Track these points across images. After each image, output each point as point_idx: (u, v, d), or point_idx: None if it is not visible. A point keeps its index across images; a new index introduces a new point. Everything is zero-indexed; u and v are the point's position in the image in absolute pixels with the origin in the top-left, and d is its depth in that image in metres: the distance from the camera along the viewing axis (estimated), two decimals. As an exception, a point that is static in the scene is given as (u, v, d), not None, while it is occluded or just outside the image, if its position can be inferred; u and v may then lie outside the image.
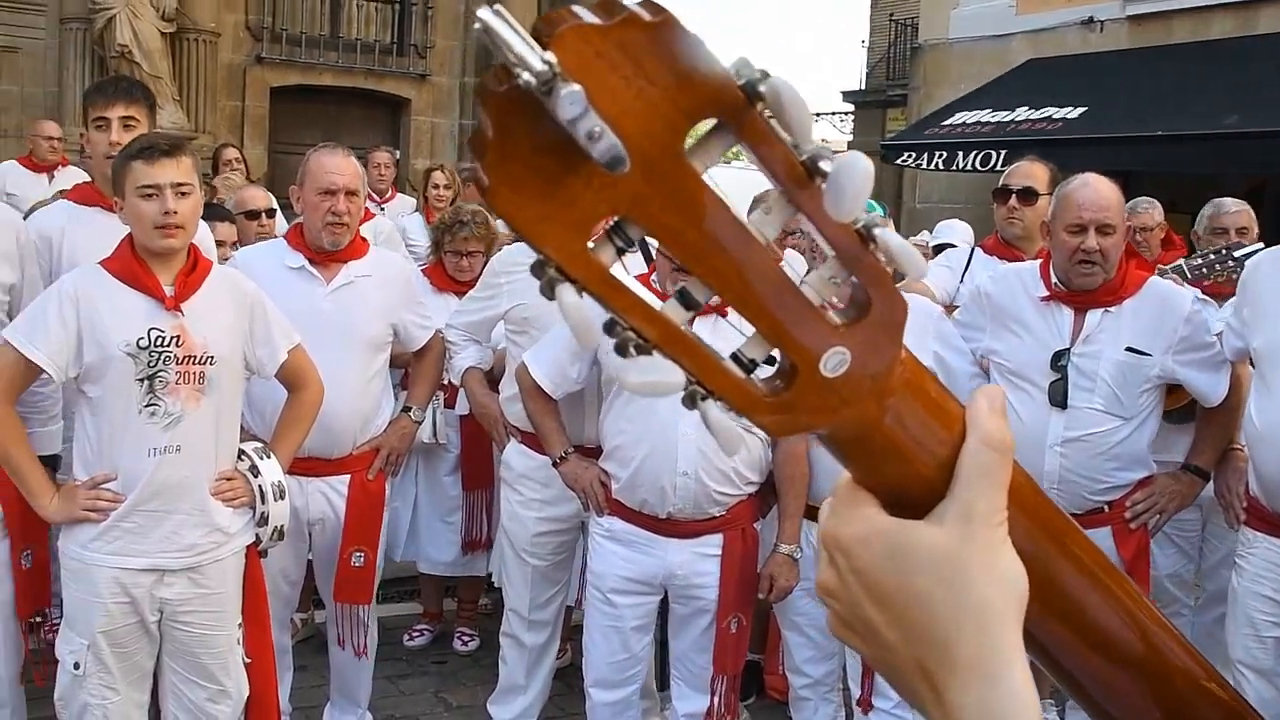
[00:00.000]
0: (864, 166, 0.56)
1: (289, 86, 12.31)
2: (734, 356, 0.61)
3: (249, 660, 3.19)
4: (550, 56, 0.51)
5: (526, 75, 0.51)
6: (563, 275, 0.56)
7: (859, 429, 0.64)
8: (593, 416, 3.63)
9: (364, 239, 3.83)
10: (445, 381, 4.32)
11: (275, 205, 5.53)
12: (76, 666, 3.00)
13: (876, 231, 0.60)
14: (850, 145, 19.41)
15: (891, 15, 20.33)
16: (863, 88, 21.76)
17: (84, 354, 2.92)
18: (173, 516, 2.98)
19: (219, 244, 4.07)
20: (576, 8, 0.55)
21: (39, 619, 3.30)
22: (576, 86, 0.51)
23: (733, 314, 0.59)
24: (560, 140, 0.53)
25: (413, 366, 4.09)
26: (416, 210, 7.50)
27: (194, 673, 3.09)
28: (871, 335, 0.62)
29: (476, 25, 0.54)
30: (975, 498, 0.64)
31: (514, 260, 3.88)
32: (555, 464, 3.57)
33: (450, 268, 4.77)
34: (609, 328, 0.58)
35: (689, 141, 0.56)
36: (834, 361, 0.61)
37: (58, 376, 2.94)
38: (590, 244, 0.56)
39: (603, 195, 0.55)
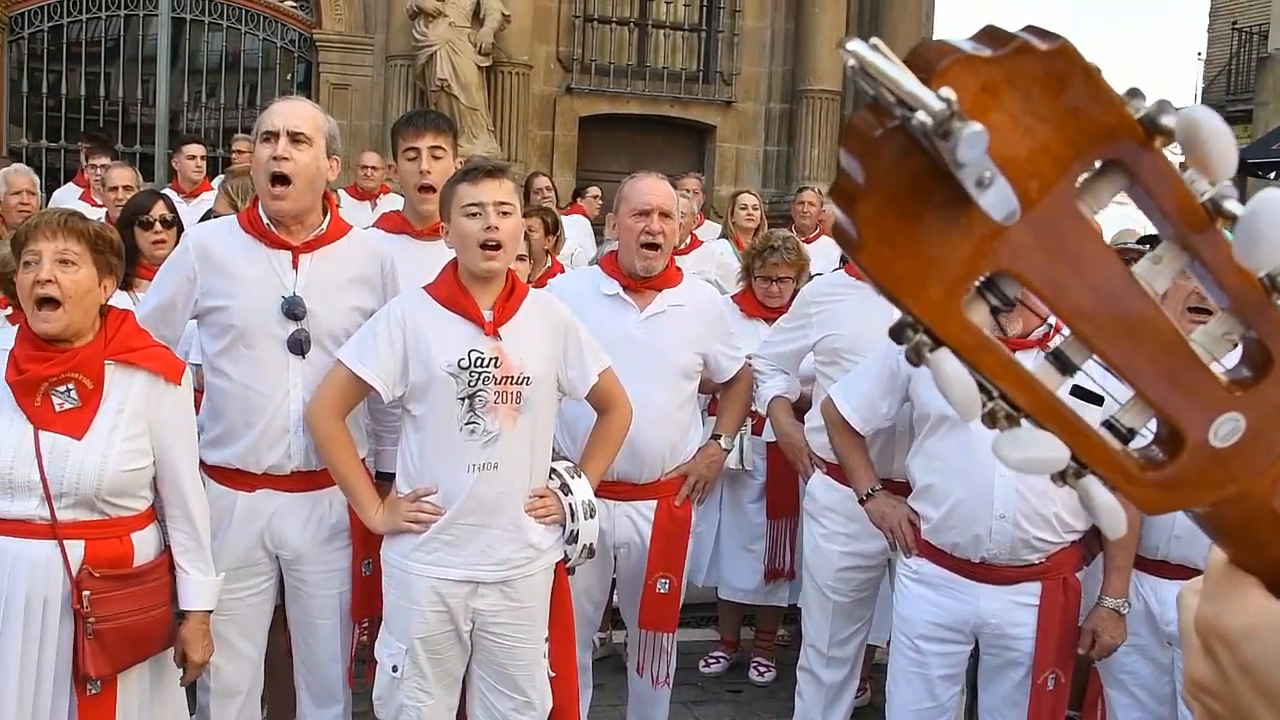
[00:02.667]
0: None
1: (597, 115, 12.81)
2: (1108, 424, 0.56)
3: (554, 674, 3.30)
4: (948, 93, 0.47)
5: (921, 116, 0.47)
6: (933, 338, 0.52)
7: (1246, 507, 0.58)
8: (902, 451, 3.57)
9: (678, 268, 3.91)
10: (753, 409, 4.35)
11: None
12: (395, 669, 3.17)
13: None
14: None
15: (1234, 24, 18.98)
16: (1199, 103, 20.39)
17: (409, 373, 3.11)
18: (488, 531, 3.12)
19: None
20: (950, 39, 0.51)
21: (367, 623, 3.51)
22: (979, 126, 0.47)
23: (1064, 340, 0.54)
24: (938, 187, 0.49)
25: (721, 395, 4.15)
26: (722, 236, 7.63)
27: (501, 683, 3.22)
28: (1271, 399, 0.56)
29: (849, 62, 0.50)
30: None
31: (825, 290, 3.88)
32: (861, 501, 3.53)
33: (760, 293, 4.82)
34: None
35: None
36: (1225, 430, 0.56)
37: (385, 394, 3.13)
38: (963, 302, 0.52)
39: (983, 248, 0.51)
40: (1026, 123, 0.50)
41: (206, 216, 4.55)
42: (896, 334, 0.53)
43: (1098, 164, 0.52)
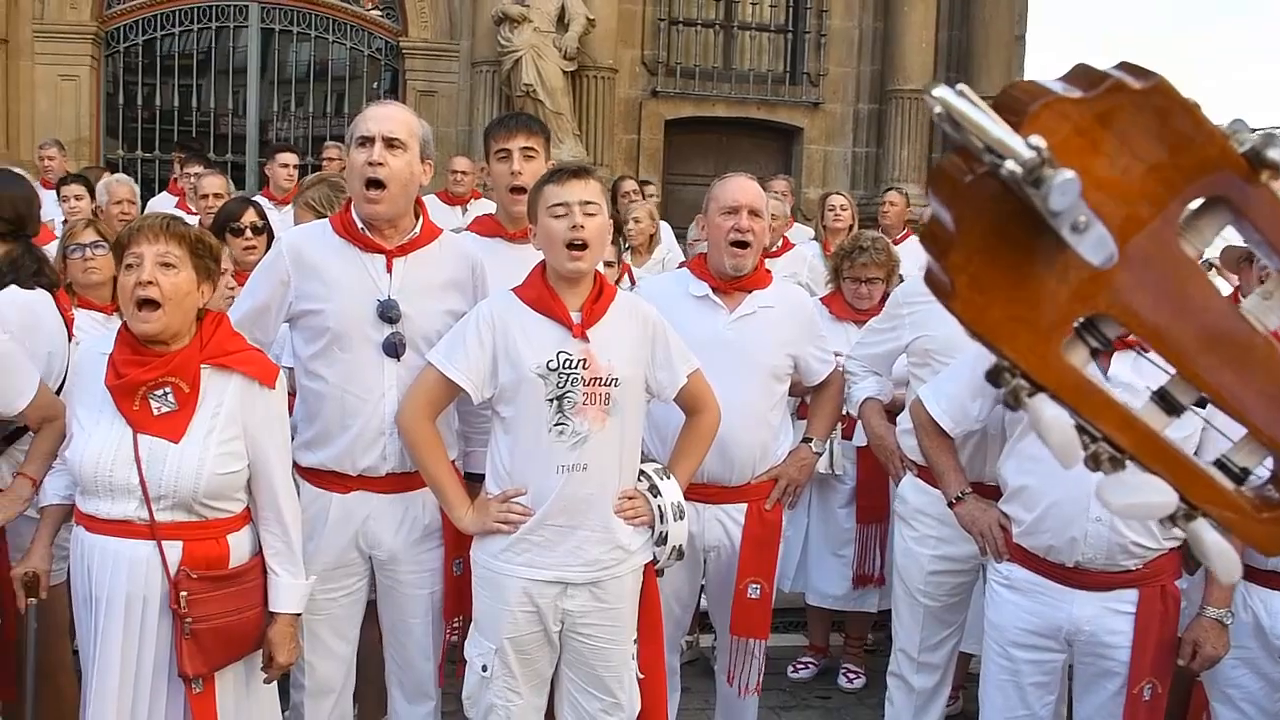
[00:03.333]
0: None
1: (682, 119, 12.84)
2: (1220, 464, 0.55)
3: (642, 676, 3.31)
4: (1038, 141, 0.47)
5: (1011, 164, 0.46)
6: (1031, 383, 0.51)
7: None
8: (993, 455, 3.54)
9: (768, 270, 3.91)
10: (844, 412, 4.34)
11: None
12: (484, 669, 3.21)
13: None
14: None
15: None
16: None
17: (499, 375, 3.15)
18: (578, 532, 3.15)
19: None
20: (1041, 80, 0.50)
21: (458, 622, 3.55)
22: (1070, 174, 0.46)
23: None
24: (1031, 232, 0.48)
25: (812, 398, 4.15)
26: (813, 239, 7.61)
27: (590, 684, 3.25)
28: None
29: (935, 110, 0.50)
30: None
31: (918, 291, 3.86)
32: (951, 504, 3.51)
33: (849, 295, 4.81)
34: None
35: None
36: None
37: (475, 396, 3.17)
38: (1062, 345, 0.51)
39: (1081, 292, 0.50)
40: (1122, 164, 0.49)
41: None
42: (993, 378, 0.52)
43: (1199, 201, 0.51)
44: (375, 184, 3.25)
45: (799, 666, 5.26)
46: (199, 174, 7.44)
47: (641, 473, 3.31)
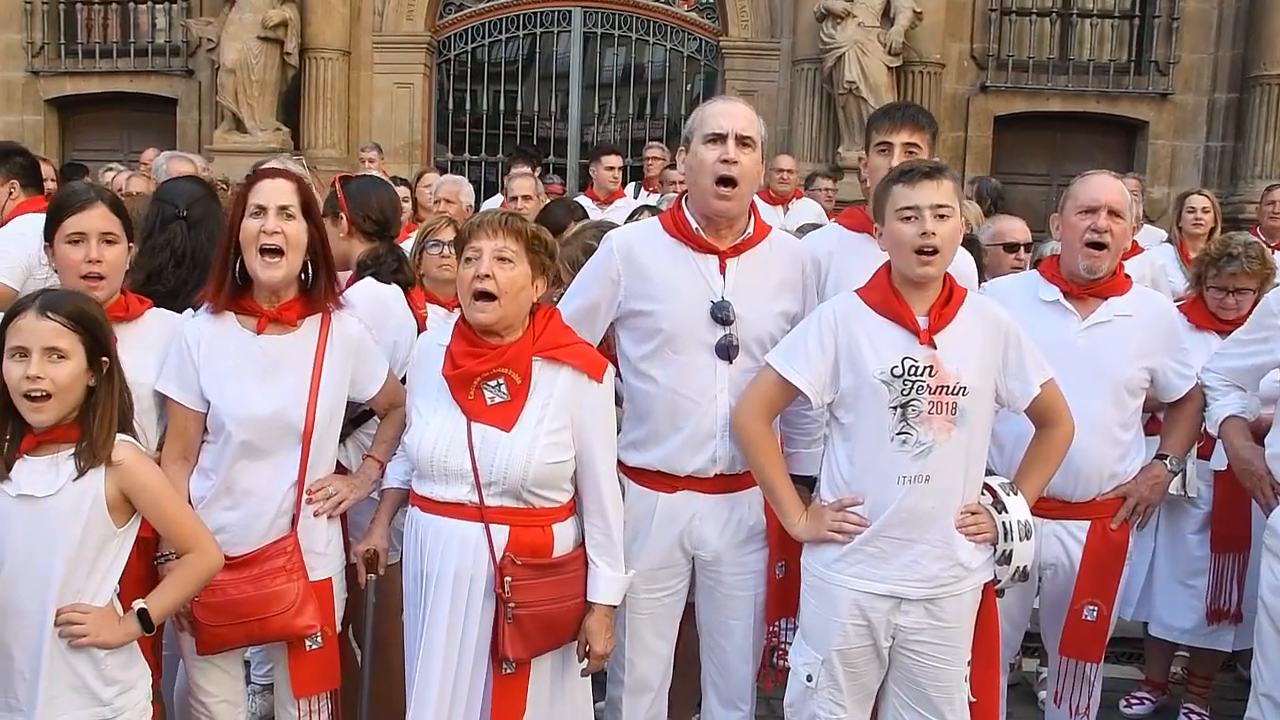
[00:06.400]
0: None
1: (1013, 114, 12.48)
2: None
3: (974, 699, 3.25)
4: None
5: None
6: None
7: None
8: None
9: (1127, 275, 3.78)
10: (1201, 430, 4.11)
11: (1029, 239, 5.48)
12: (809, 679, 3.23)
13: None
14: None
15: None
16: None
17: (839, 379, 3.16)
18: (915, 546, 3.11)
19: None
20: None
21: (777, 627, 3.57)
22: None
23: None
24: None
25: (1168, 413, 3.96)
26: (1165, 241, 7.22)
27: (918, 702, 3.21)
28: None
29: None
30: None
31: (1295, 298, 3.64)
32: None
33: (1212, 304, 4.57)
34: None
35: None
36: None
37: (814, 400, 3.19)
38: None
39: None
40: None
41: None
42: None
43: None
44: (728, 181, 3.31)
45: (1133, 702, 5.04)
46: (526, 174, 7.89)
47: (986, 487, 3.24)
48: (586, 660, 3.20)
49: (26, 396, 2.69)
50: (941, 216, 3.08)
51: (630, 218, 5.33)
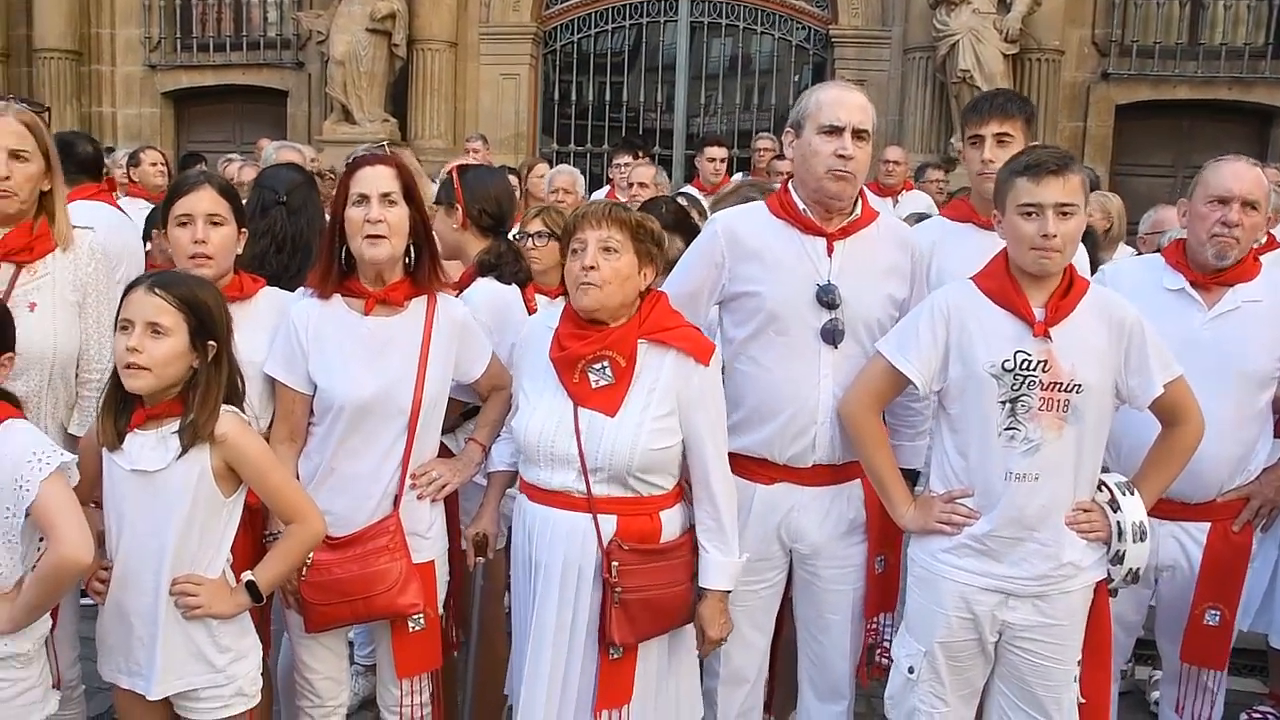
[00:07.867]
0: None
1: (1136, 103, 12.19)
2: None
3: (1083, 701, 3.21)
4: None
5: None
6: None
7: None
8: None
9: (1257, 259, 3.66)
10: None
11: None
12: (911, 670, 3.23)
13: None
14: None
15: None
16: None
17: (949, 369, 3.14)
18: (1025, 544, 3.08)
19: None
20: None
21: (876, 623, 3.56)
22: None
23: None
24: None
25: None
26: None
27: (1024, 701, 3.19)
28: None
29: None
30: None
31: None
32: None
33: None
34: None
35: None
36: None
37: (923, 389, 3.18)
38: None
39: None
40: None
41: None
42: None
43: None
44: (841, 177, 3.31)
45: (1253, 715, 4.90)
46: (628, 164, 7.93)
47: (1102, 483, 3.19)
48: (701, 646, 3.23)
49: (125, 366, 2.84)
50: (1065, 214, 3.02)
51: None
